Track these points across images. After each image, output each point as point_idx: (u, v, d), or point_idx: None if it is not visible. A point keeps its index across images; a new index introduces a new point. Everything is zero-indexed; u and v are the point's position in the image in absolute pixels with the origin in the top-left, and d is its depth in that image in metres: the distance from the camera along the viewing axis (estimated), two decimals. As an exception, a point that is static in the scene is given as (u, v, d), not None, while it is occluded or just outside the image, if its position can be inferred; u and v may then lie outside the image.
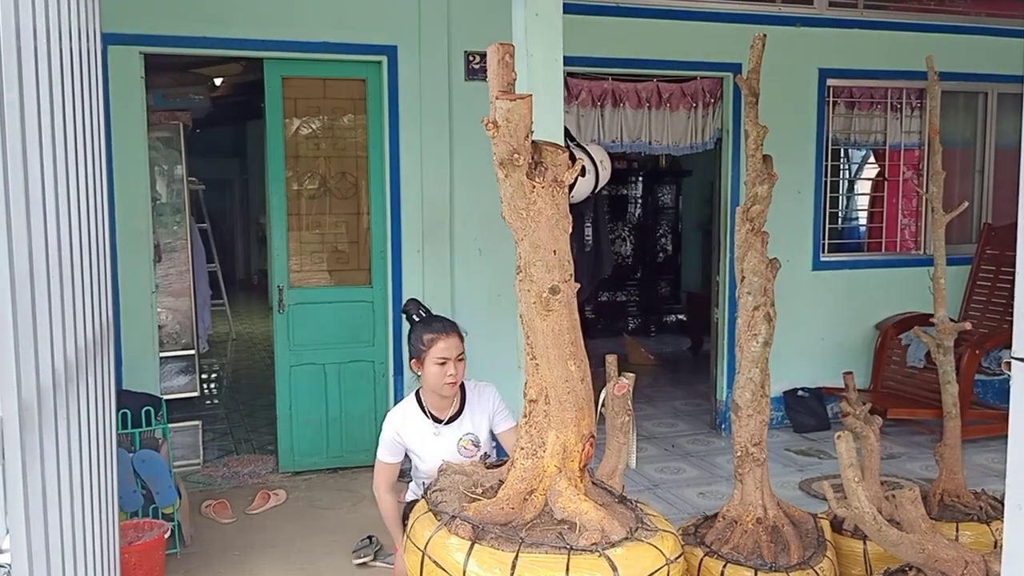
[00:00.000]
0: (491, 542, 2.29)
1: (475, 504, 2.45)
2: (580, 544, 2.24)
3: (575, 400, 2.35)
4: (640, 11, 5.72)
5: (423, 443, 3.18)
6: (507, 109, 2.03)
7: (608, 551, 2.23)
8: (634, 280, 10.27)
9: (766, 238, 3.24)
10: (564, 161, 2.12)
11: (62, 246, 1.92)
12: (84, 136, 2.27)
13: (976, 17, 6.43)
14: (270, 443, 5.64)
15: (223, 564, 4.08)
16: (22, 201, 1.57)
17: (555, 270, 2.21)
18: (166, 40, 4.88)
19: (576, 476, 2.38)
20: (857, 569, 3.32)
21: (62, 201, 1.93)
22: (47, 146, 1.79)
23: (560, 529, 2.33)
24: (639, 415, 6.53)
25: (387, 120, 5.26)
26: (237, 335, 10.21)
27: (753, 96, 3.26)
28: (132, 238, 4.95)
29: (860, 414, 3.51)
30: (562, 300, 2.23)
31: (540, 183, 2.09)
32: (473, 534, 2.32)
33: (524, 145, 2.07)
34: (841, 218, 6.93)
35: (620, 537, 2.28)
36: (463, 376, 3.19)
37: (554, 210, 2.14)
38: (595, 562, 2.21)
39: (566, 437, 2.36)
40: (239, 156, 13.54)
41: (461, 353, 3.15)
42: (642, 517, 2.47)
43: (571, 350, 2.30)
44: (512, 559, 2.23)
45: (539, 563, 2.22)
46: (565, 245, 2.21)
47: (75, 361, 2.02)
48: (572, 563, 2.20)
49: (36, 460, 1.61)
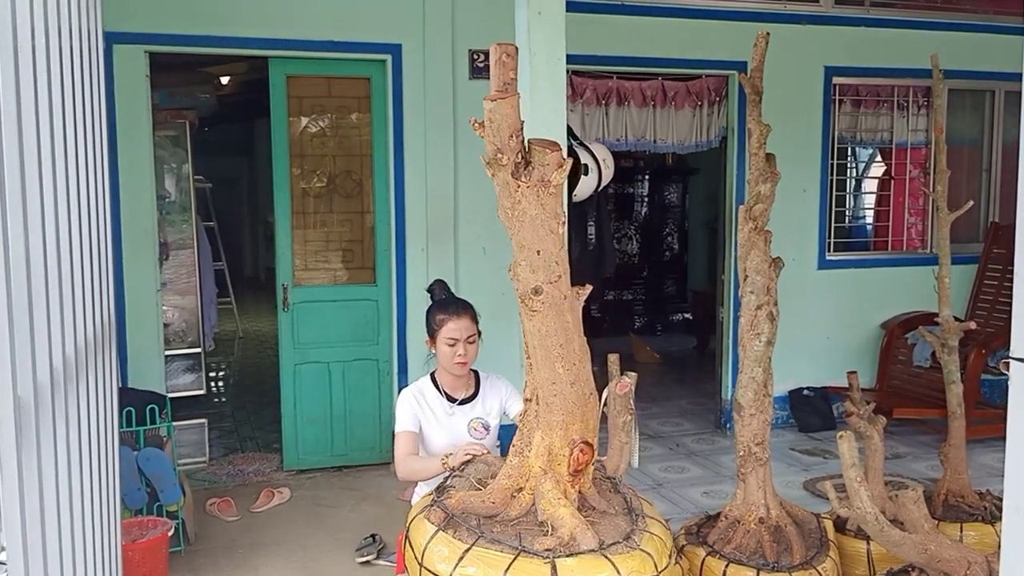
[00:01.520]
0: (455, 531, 2.33)
1: (460, 494, 2.49)
2: (534, 548, 2.23)
3: (562, 403, 2.31)
4: (645, 9, 5.71)
5: (437, 420, 3.23)
6: (490, 109, 2.04)
7: (560, 559, 2.19)
8: (640, 279, 10.25)
9: (769, 237, 3.23)
10: (553, 160, 2.08)
11: (61, 243, 1.92)
12: (85, 133, 2.28)
13: (983, 15, 6.40)
14: (275, 441, 5.65)
15: (227, 562, 4.09)
16: (19, 197, 1.57)
17: (539, 271, 2.18)
18: (171, 39, 4.89)
19: (565, 480, 2.35)
20: (860, 569, 3.31)
21: (60, 198, 1.94)
22: (45, 143, 1.79)
23: (539, 530, 2.33)
24: (644, 414, 6.53)
25: (391, 119, 5.27)
26: (244, 333, 10.23)
27: (756, 95, 3.25)
28: (138, 236, 4.96)
29: (864, 414, 3.50)
30: (546, 301, 2.19)
31: (525, 183, 2.08)
32: (443, 521, 2.37)
33: (508, 144, 2.06)
34: (847, 217, 6.90)
35: (588, 548, 2.22)
36: (474, 357, 3.21)
37: (538, 210, 2.11)
38: (537, 568, 2.18)
39: (551, 440, 2.34)
40: (247, 154, 13.58)
41: (472, 335, 3.17)
42: (635, 534, 2.35)
43: (559, 352, 2.25)
44: (465, 550, 2.26)
45: (485, 558, 2.24)
46: (552, 246, 2.15)
47: (75, 359, 2.02)
48: (516, 564, 2.19)
49: (33, 458, 1.61)
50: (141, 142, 4.94)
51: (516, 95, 2.07)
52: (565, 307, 2.24)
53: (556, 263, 2.18)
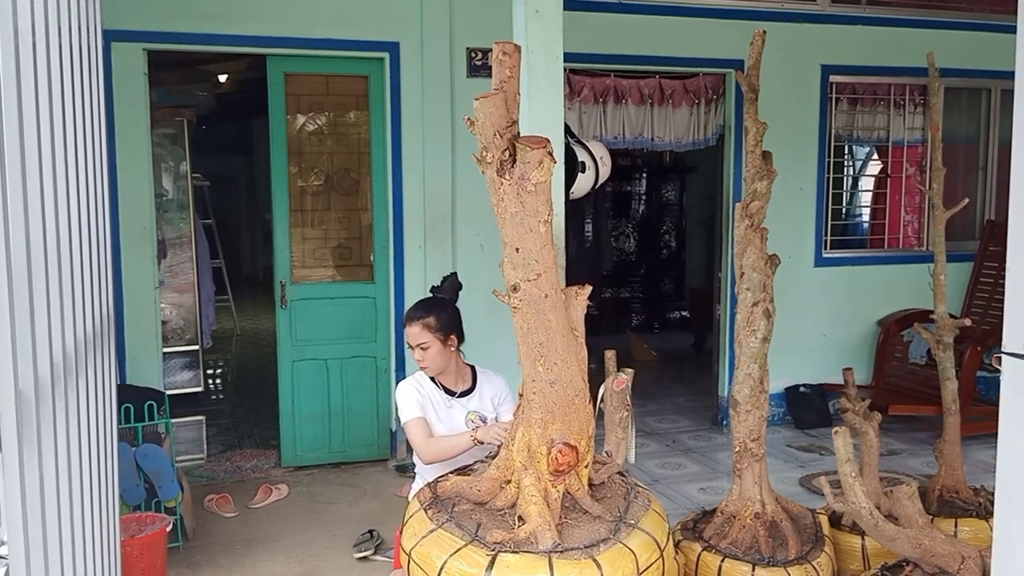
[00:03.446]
0: (435, 512, 2.41)
1: (455, 478, 2.56)
2: (484, 538, 2.26)
3: (542, 402, 2.31)
4: (643, 7, 5.72)
5: (436, 412, 3.25)
6: (476, 107, 2.06)
7: (503, 554, 2.22)
8: (638, 276, 10.27)
9: (765, 234, 3.24)
10: (535, 158, 2.08)
11: (60, 240, 1.93)
12: (84, 130, 2.29)
13: (980, 13, 6.41)
14: (273, 438, 5.66)
15: (225, 558, 4.11)
16: (19, 193, 1.58)
17: (519, 268, 2.17)
18: (169, 37, 4.90)
19: (546, 478, 2.34)
20: (855, 564, 3.33)
21: (60, 195, 1.95)
22: (45, 140, 1.80)
23: (519, 523, 2.35)
24: (641, 411, 6.55)
25: (389, 116, 5.28)
26: (242, 331, 10.24)
27: (753, 93, 3.27)
28: (136, 234, 4.97)
29: (859, 410, 3.52)
30: (524, 299, 2.18)
31: (508, 180, 2.09)
32: (428, 502, 2.44)
33: (493, 142, 2.08)
34: (844, 214, 6.92)
35: (542, 549, 2.22)
36: (434, 364, 3.21)
37: (519, 208, 2.11)
38: (478, 558, 2.23)
39: (530, 437, 2.35)
40: (245, 152, 13.56)
41: (424, 343, 3.18)
42: (603, 544, 2.28)
43: (539, 351, 2.24)
44: (430, 529, 2.35)
45: (440, 540, 2.32)
46: (532, 244, 2.13)
47: (74, 354, 2.03)
48: (463, 551, 2.26)
49: (34, 452, 1.63)
50: (139, 140, 4.94)
51: (500, 93, 2.08)
52: (546, 306, 2.21)
53: (536, 261, 2.16)
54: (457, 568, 2.24)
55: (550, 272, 2.20)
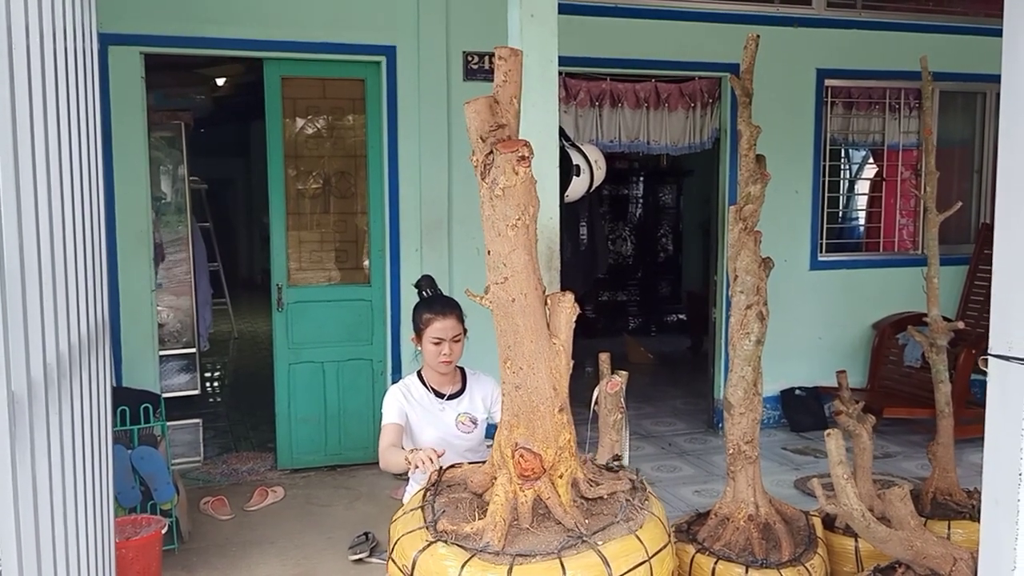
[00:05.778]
0: (425, 500, 2.46)
1: (467, 466, 2.63)
2: (438, 527, 2.28)
3: (509, 404, 2.31)
4: (638, 11, 5.74)
5: (425, 415, 3.26)
6: (465, 111, 2.10)
7: (438, 543, 2.22)
8: (635, 280, 10.28)
9: (759, 237, 3.25)
10: (503, 162, 2.09)
11: (55, 242, 1.94)
12: (79, 134, 2.30)
13: (974, 17, 6.43)
14: (269, 440, 5.67)
15: (220, 560, 4.11)
16: (14, 196, 1.59)
17: (491, 270, 2.19)
18: (166, 40, 4.91)
19: (515, 481, 2.30)
20: (848, 566, 3.34)
21: (55, 197, 1.96)
22: (40, 143, 1.81)
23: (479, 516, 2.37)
24: (637, 414, 6.56)
25: (386, 120, 5.29)
26: (239, 334, 10.24)
27: (746, 96, 3.28)
28: (132, 237, 4.98)
29: (853, 413, 3.52)
30: (493, 301, 2.19)
31: (485, 183, 2.11)
32: (429, 490, 2.50)
33: (478, 145, 2.11)
34: (839, 218, 6.93)
35: (473, 547, 2.19)
36: (459, 355, 3.25)
37: (490, 211, 2.13)
38: (416, 542, 2.27)
39: (501, 438, 2.37)
40: (242, 156, 13.58)
41: (458, 334, 3.21)
42: (552, 555, 2.18)
43: (506, 354, 2.25)
44: (408, 509, 2.47)
45: (402, 521, 2.41)
46: (501, 247, 2.13)
47: (68, 357, 2.04)
48: (413, 534, 2.30)
49: (27, 453, 1.63)
50: (136, 143, 4.95)
51: (487, 97, 2.09)
52: (514, 309, 2.20)
53: (504, 264, 2.16)
54: (409, 544, 2.29)
55: (519, 276, 2.17)
